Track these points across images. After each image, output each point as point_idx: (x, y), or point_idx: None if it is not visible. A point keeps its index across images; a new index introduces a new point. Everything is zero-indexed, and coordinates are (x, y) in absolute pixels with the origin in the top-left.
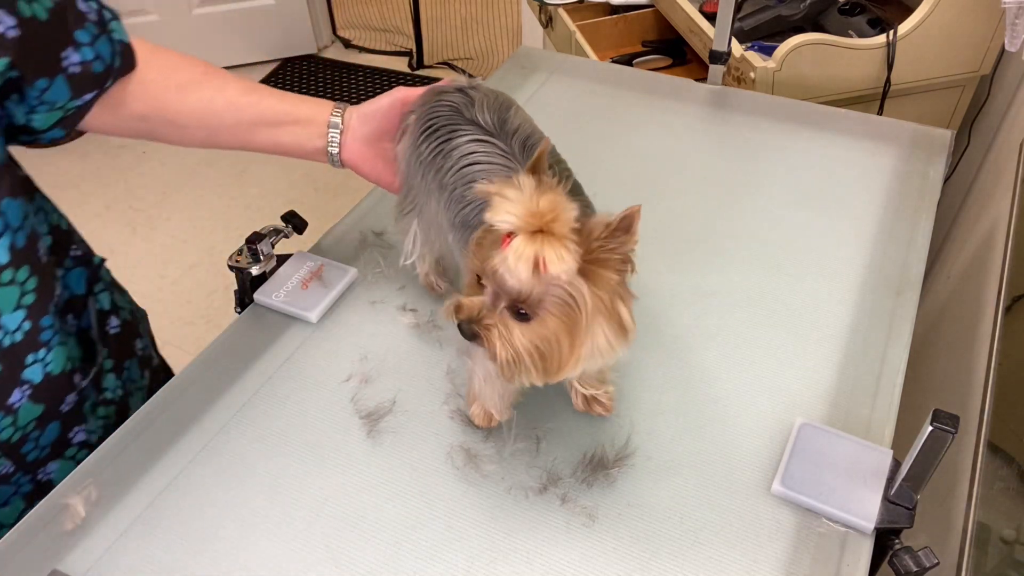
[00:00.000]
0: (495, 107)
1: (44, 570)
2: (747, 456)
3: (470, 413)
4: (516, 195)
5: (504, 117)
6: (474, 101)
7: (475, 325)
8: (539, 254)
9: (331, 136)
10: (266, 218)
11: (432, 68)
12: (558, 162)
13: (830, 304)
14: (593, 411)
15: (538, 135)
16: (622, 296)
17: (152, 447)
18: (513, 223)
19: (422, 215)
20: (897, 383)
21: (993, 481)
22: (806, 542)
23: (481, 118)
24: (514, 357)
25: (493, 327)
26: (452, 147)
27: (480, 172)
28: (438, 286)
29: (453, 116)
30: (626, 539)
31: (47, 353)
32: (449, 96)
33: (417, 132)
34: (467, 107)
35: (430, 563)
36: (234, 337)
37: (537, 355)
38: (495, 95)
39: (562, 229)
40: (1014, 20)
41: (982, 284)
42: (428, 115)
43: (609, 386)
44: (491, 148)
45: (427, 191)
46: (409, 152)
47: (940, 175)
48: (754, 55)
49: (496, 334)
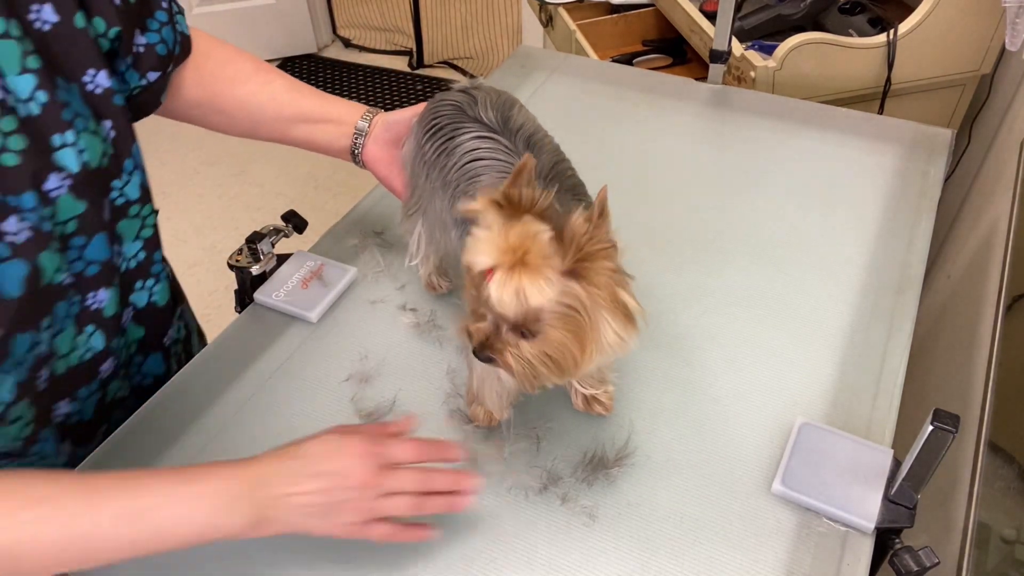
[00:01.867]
0: (498, 105)
1: None
2: (747, 456)
3: (470, 412)
4: (486, 235)
5: (507, 115)
6: (477, 100)
7: (488, 351)
8: (519, 288)
9: (355, 138)
10: (266, 218)
11: (432, 68)
12: (560, 161)
13: (830, 303)
14: (593, 411)
15: (541, 133)
16: (620, 282)
17: (152, 446)
18: (488, 263)
19: (427, 215)
20: (897, 383)
21: (993, 480)
22: (806, 542)
23: (484, 116)
24: (529, 370)
25: (503, 349)
26: (455, 145)
27: (483, 168)
28: (439, 286)
29: (456, 115)
30: (626, 539)
31: (154, 284)
32: (452, 96)
33: (421, 133)
34: (470, 106)
35: (430, 563)
36: (234, 337)
37: (551, 363)
38: (498, 94)
39: (536, 260)
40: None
41: (982, 284)
42: (431, 115)
43: (609, 386)
44: (495, 145)
45: (431, 190)
46: (413, 153)
47: (940, 174)
48: (754, 54)
49: (508, 355)
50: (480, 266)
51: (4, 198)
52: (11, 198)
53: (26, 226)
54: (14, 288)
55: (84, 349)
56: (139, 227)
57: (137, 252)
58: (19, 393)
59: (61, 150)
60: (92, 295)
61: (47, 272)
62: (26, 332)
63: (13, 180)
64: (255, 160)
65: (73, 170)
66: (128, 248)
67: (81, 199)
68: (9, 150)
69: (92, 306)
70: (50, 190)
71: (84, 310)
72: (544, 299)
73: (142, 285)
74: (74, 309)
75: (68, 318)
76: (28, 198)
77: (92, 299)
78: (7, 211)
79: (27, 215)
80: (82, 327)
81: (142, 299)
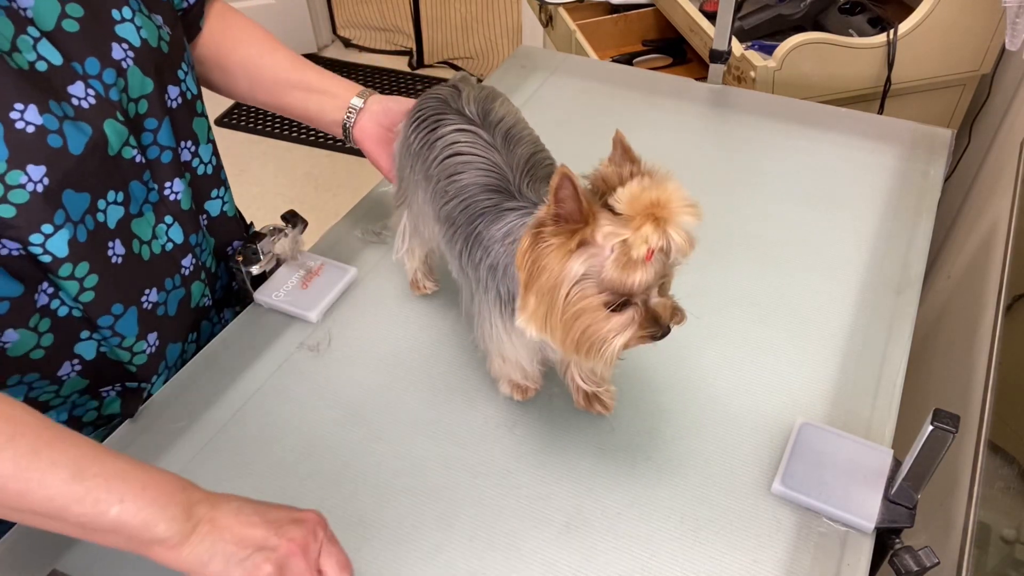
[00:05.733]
0: (480, 99)
1: (44, 570)
2: (747, 456)
3: (502, 391)
4: (619, 230)
5: (488, 108)
6: (461, 93)
7: (671, 322)
8: (680, 231)
9: (348, 113)
10: (266, 217)
11: (432, 67)
12: (538, 151)
13: (830, 303)
14: (593, 409)
15: (521, 125)
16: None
17: (152, 446)
18: (644, 246)
19: (411, 207)
20: (897, 382)
21: (993, 480)
22: (806, 541)
23: (467, 108)
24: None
25: (678, 310)
26: (437, 136)
27: (462, 164)
28: (425, 287)
29: (440, 107)
30: (626, 539)
31: (224, 192)
32: (439, 90)
33: (408, 124)
34: (454, 98)
35: (430, 563)
36: (234, 337)
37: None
38: (482, 88)
39: (670, 208)
40: (1014, 19)
41: (982, 284)
42: (418, 107)
43: (610, 384)
44: (474, 138)
45: (415, 182)
46: (401, 144)
47: (940, 174)
48: (754, 54)
49: (676, 313)
50: (640, 253)
51: (70, 63)
52: (75, 64)
53: (92, 93)
54: (76, 146)
55: (164, 239)
56: (206, 129)
57: (211, 157)
58: (73, 253)
59: (120, 24)
60: (168, 185)
61: (113, 143)
62: (82, 192)
63: (75, 45)
64: (255, 160)
65: (135, 43)
66: (203, 151)
67: (148, 76)
68: (69, 16)
69: (170, 196)
70: (119, 60)
71: (163, 199)
72: (696, 224)
73: (215, 193)
74: (153, 196)
75: (147, 204)
76: (92, 64)
77: (168, 189)
78: (74, 76)
79: (93, 81)
80: (161, 217)
81: (215, 207)
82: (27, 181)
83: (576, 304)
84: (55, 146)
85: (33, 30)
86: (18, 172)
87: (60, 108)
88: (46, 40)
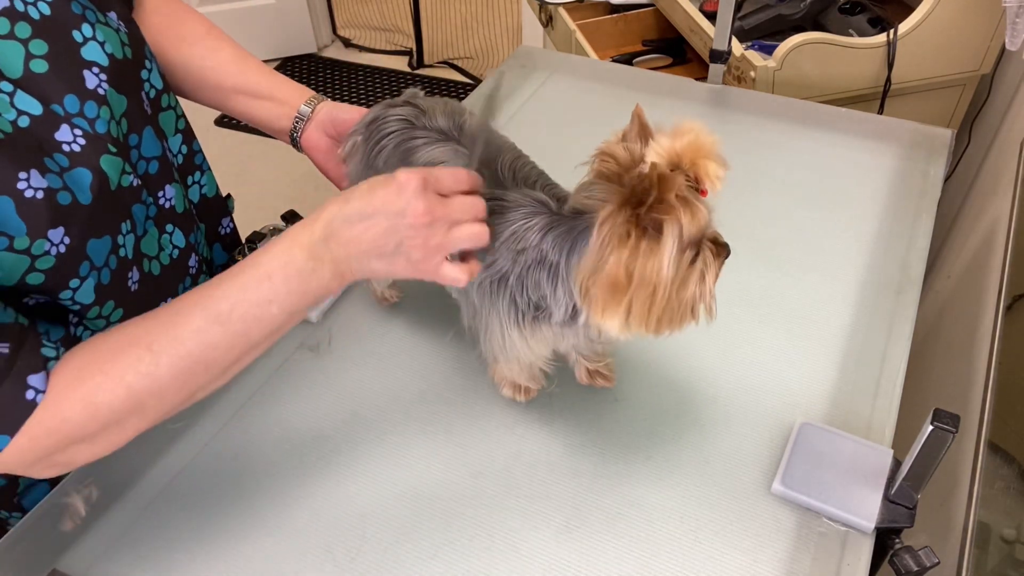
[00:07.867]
0: (448, 113)
1: (44, 569)
2: (747, 456)
3: (503, 394)
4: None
5: (459, 122)
6: (424, 111)
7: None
8: (719, 162)
9: (296, 121)
10: (266, 218)
11: (432, 67)
12: (518, 157)
13: (830, 303)
14: (596, 383)
15: (495, 134)
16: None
17: (152, 446)
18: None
19: None
20: (897, 383)
21: (993, 480)
22: (806, 541)
23: (438, 124)
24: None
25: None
26: (415, 158)
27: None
28: (390, 296)
29: (407, 128)
30: (626, 539)
31: (201, 176)
32: (396, 111)
33: (368, 150)
34: (418, 118)
35: (430, 563)
36: None
37: None
38: (443, 102)
39: (702, 151)
40: (1015, 19)
41: (982, 284)
42: (378, 132)
43: (609, 358)
44: (453, 149)
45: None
46: (362, 171)
47: (940, 174)
48: (754, 54)
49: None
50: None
51: (50, 108)
52: (55, 106)
53: (80, 133)
54: (84, 195)
55: (170, 248)
56: (174, 119)
57: (180, 146)
58: (99, 296)
59: (85, 46)
60: (161, 194)
61: (113, 176)
62: (103, 237)
63: (49, 86)
64: (255, 160)
65: (103, 63)
66: (172, 143)
67: (122, 93)
68: (35, 55)
69: (165, 205)
70: (93, 88)
71: (160, 211)
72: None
73: (192, 180)
74: (152, 211)
75: (149, 220)
76: (71, 102)
77: (163, 198)
78: (57, 120)
79: (77, 120)
80: (162, 228)
81: (195, 193)
82: (51, 247)
83: (676, 285)
84: (65, 203)
85: (5, 84)
86: (41, 241)
87: (55, 162)
88: (20, 91)
